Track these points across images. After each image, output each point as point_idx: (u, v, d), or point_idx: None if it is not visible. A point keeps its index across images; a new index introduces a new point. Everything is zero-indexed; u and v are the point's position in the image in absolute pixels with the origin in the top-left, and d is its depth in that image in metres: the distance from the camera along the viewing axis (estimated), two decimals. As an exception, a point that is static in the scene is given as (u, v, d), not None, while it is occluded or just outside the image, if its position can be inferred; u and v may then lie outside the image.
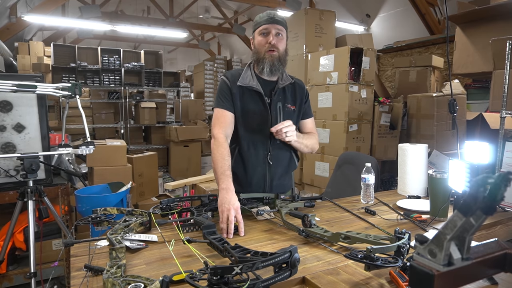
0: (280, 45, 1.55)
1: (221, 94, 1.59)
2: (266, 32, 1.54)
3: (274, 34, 1.53)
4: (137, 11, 10.34)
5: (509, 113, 2.23)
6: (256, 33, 1.58)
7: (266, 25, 1.53)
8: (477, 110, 3.74)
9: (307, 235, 1.17)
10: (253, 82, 1.57)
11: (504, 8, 2.95)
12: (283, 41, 1.57)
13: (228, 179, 1.37)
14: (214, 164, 1.45)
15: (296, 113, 1.66)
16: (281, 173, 1.66)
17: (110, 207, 1.32)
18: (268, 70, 1.55)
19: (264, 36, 1.55)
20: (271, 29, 1.53)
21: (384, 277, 0.92)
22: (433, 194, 1.43)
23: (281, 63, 1.57)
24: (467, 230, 0.58)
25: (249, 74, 1.59)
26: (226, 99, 1.57)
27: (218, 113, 1.57)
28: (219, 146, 1.47)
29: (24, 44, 6.57)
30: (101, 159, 3.38)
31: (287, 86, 1.63)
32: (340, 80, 3.34)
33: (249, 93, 1.58)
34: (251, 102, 1.57)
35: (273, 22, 1.53)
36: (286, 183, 1.71)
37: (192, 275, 0.81)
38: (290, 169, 1.71)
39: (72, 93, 1.94)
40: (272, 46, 1.53)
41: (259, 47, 1.56)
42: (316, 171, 3.67)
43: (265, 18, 1.54)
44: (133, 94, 6.70)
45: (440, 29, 5.89)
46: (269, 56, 1.54)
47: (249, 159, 1.59)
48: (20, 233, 2.51)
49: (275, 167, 1.62)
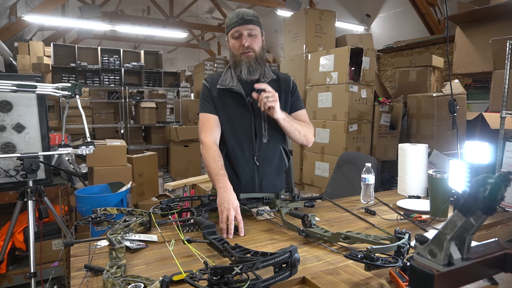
0: (255, 44, 1.51)
1: (203, 98, 1.57)
2: (238, 34, 1.50)
3: (246, 35, 1.48)
4: (137, 11, 10.35)
5: (509, 113, 2.23)
6: (229, 37, 1.54)
7: (237, 27, 1.49)
8: (477, 110, 3.74)
9: (307, 235, 1.17)
10: (233, 83, 1.54)
11: (504, 8, 2.96)
12: (258, 39, 1.52)
13: (224, 178, 1.37)
14: (207, 168, 1.43)
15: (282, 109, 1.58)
16: (271, 174, 1.62)
17: (110, 207, 1.32)
18: (246, 72, 1.51)
19: (237, 39, 1.50)
20: (242, 30, 1.48)
21: (384, 277, 0.92)
22: (433, 194, 1.43)
23: (258, 62, 1.53)
24: (467, 230, 0.58)
25: (229, 76, 1.56)
26: (208, 103, 1.55)
27: (202, 118, 1.56)
28: (208, 149, 1.45)
29: (24, 44, 6.57)
30: (101, 159, 3.39)
31: (270, 82, 1.57)
32: (340, 80, 3.34)
33: (230, 95, 1.55)
34: (233, 103, 1.54)
35: (244, 22, 1.48)
36: (278, 183, 1.67)
37: (192, 275, 0.81)
38: (280, 169, 1.67)
39: (72, 93, 1.94)
40: (246, 48, 1.49)
41: (234, 51, 1.53)
42: (316, 171, 3.68)
43: (234, 20, 1.49)
44: (133, 94, 6.70)
45: (440, 29, 5.89)
46: (245, 57, 1.50)
47: (237, 160, 1.56)
48: (20, 233, 2.51)
49: (263, 167, 1.58)
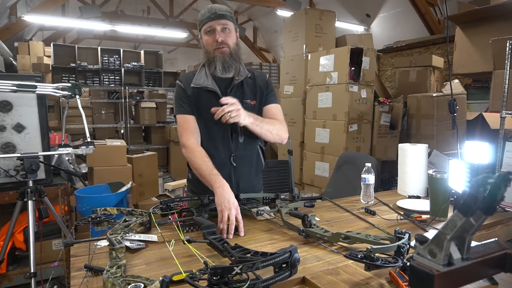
0: (229, 39, 1.48)
1: (178, 99, 1.54)
2: (211, 30, 1.47)
3: (220, 30, 1.45)
4: (137, 11, 10.33)
5: (509, 113, 2.23)
6: (202, 33, 1.51)
7: (209, 23, 1.46)
8: (477, 110, 3.74)
9: (307, 235, 1.17)
10: (207, 82, 1.50)
11: (504, 8, 2.96)
12: (232, 34, 1.49)
13: (218, 177, 1.34)
14: (197, 170, 1.40)
15: (257, 107, 1.57)
16: (248, 174, 1.58)
17: (110, 207, 1.32)
18: (220, 68, 1.48)
19: (210, 35, 1.48)
20: (215, 25, 1.45)
21: (384, 277, 0.92)
22: (433, 194, 1.43)
23: (233, 58, 1.50)
24: (467, 230, 0.58)
25: (203, 74, 1.53)
26: (184, 103, 1.52)
27: (180, 120, 1.52)
28: (194, 152, 1.43)
29: (24, 44, 6.57)
30: (101, 159, 3.39)
31: (245, 80, 1.55)
32: (340, 80, 3.34)
33: (204, 94, 1.51)
34: (208, 102, 1.48)
35: (216, 17, 1.45)
36: (256, 184, 1.63)
37: (192, 275, 0.81)
38: (258, 169, 1.64)
39: (72, 93, 1.94)
40: (220, 43, 1.46)
41: (208, 47, 1.50)
42: (316, 171, 3.68)
43: (207, 15, 1.46)
44: (133, 94, 6.71)
45: (440, 29, 5.89)
46: (219, 53, 1.47)
47: (213, 161, 1.49)
48: (20, 233, 2.51)
49: (240, 167, 1.55)
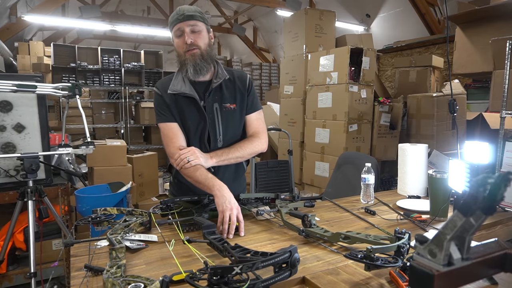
0: (199, 41, 1.42)
1: (158, 107, 1.48)
2: (180, 32, 1.42)
3: (189, 31, 1.40)
4: (137, 11, 10.32)
5: (509, 113, 2.23)
6: (173, 36, 1.46)
7: (178, 25, 1.41)
8: (477, 110, 3.74)
9: (307, 235, 1.17)
10: (185, 87, 1.45)
11: (504, 8, 2.96)
12: (202, 35, 1.43)
13: (215, 179, 1.33)
14: (192, 178, 1.37)
15: (238, 111, 1.52)
16: (228, 179, 1.47)
17: (110, 207, 1.32)
18: (192, 71, 1.42)
19: (180, 37, 1.43)
20: (184, 27, 1.40)
21: (384, 277, 0.92)
22: (433, 194, 1.43)
23: (205, 60, 1.43)
24: (467, 230, 0.58)
25: (180, 80, 1.47)
26: (164, 111, 1.47)
27: (163, 129, 1.47)
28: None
29: (24, 44, 6.57)
30: (101, 159, 3.38)
31: (224, 83, 1.49)
32: (340, 80, 3.34)
33: (182, 99, 1.46)
34: (186, 108, 1.46)
35: (184, 19, 1.40)
36: (236, 189, 1.50)
37: (192, 275, 0.81)
38: (238, 173, 1.60)
39: (72, 93, 1.94)
40: (190, 45, 1.41)
41: (179, 50, 1.45)
42: (316, 171, 3.68)
43: (175, 18, 1.42)
44: (133, 94, 6.70)
45: (440, 29, 5.89)
46: (190, 56, 1.42)
47: None
48: (20, 233, 2.51)
49: (219, 173, 1.49)
